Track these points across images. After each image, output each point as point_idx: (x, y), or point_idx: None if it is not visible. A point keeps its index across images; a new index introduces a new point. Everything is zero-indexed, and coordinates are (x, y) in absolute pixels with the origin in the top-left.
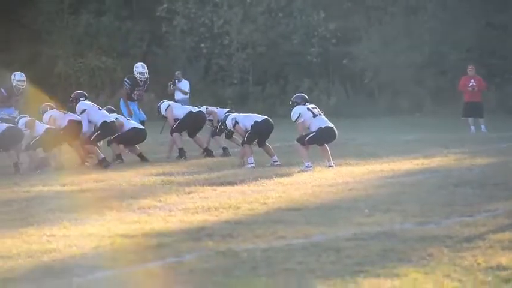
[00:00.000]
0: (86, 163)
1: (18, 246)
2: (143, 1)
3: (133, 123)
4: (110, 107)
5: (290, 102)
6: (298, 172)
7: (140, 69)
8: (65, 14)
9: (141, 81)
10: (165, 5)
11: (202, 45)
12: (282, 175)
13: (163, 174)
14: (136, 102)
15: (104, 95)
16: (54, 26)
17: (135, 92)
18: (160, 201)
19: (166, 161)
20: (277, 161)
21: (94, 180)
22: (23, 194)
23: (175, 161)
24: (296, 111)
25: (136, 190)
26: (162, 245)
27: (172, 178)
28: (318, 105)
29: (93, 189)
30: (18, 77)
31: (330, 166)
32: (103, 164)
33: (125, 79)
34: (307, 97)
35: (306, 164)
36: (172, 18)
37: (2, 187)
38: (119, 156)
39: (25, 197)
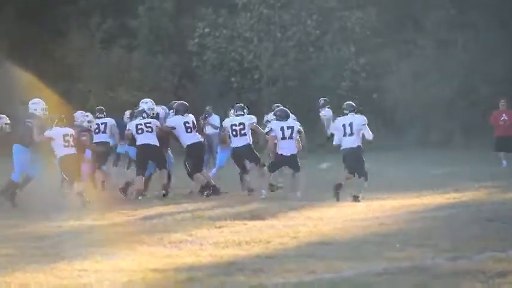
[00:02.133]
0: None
1: (50, 281)
2: (174, 36)
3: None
4: None
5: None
6: (328, 207)
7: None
8: (97, 49)
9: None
10: (196, 40)
11: (233, 79)
12: (312, 209)
13: (194, 208)
14: None
15: None
16: (86, 60)
17: None
18: (191, 235)
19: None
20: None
21: (125, 214)
22: (55, 228)
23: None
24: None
25: (167, 224)
26: (193, 279)
27: (203, 212)
28: None
29: (124, 223)
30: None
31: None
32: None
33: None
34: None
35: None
36: (203, 53)
37: (35, 222)
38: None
39: (57, 232)
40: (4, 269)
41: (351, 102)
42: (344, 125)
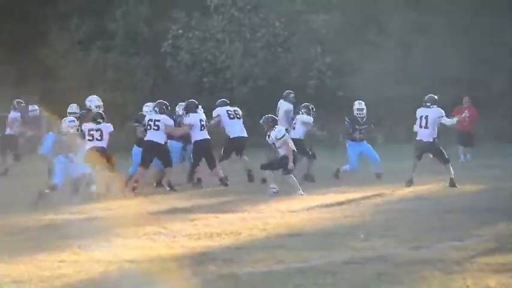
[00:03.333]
0: None
1: (30, 271)
2: (149, 38)
3: None
4: None
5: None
6: (297, 199)
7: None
8: (75, 51)
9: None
10: (169, 41)
11: (205, 79)
12: (280, 202)
13: (168, 202)
14: None
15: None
16: (66, 61)
17: None
18: (165, 228)
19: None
20: None
21: (102, 208)
22: (35, 222)
23: (183, 190)
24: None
25: (142, 218)
26: (167, 269)
27: (177, 206)
28: None
29: (101, 217)
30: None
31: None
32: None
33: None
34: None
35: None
36: (177, 54)
37: (17, 215)
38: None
39: (38, 225)
40: None
41: (432, 95)
42: (421, 117)
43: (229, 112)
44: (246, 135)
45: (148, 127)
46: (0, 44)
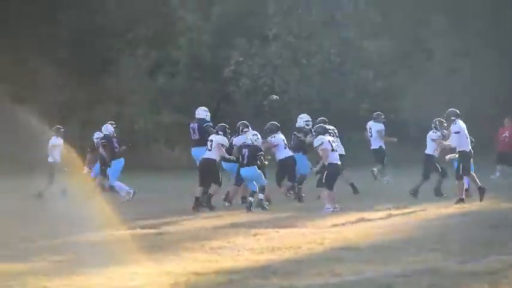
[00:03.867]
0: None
1: (104, 283)
2: (212, 64)
3: None
4: None
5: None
6: (351, 215)
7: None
8: (143, 77)
9: None
10: (231, 67)
11: (265, 102)
12: (336, 217)
13: (233, 218)
14: None
15: (178, 149)
16: (133, 87)
17: None
18: (229, 242)
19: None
20: None
21: (172, 223)
22: (108, 236)
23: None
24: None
25: (208, 233)
26: (232, 281)
27: (240, 221)
28: None
29: (171, 232)
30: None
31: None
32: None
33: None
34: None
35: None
36: (238, 79)
37: (89, 230)
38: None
39: (110, 240)
40: (63, 273)
41: (453, 109)
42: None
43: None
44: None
45: (210, 146)
46: (73, 72)
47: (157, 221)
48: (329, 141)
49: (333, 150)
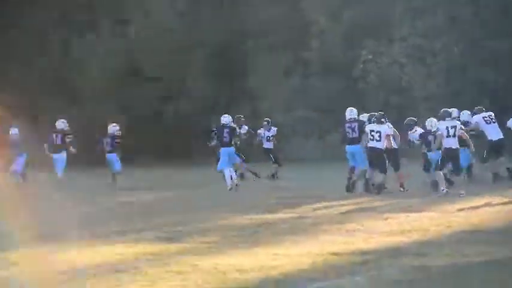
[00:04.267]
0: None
1: (250, 262)
2: (342, 63)
3: None
4: None
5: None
6: (478, 200)
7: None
8: (279, 77)
9: None
10: (360, 66)
11: (391, 98)
12: (462, 202)
13: (366, 203)
14: None
15: (312, 141)
16: (271, 86)
17: None
18: (362, 225)
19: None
20: None
21: (312, 208)
22: (253, 220)
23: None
24: None
25: (343, 216)
26: (366, 261)
27: (372, 206)
28: None
29: (310, 216)
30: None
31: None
32: None
33: None
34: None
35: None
36: (367, 77)
37: (236, 215)
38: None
39: (255, 223)
40: (212, 253)
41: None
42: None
43: (485, 118)
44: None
45: (371, 137)
46: (216, 73)
47: (297, 206)
48: (446, 127)
49: (448, 136)
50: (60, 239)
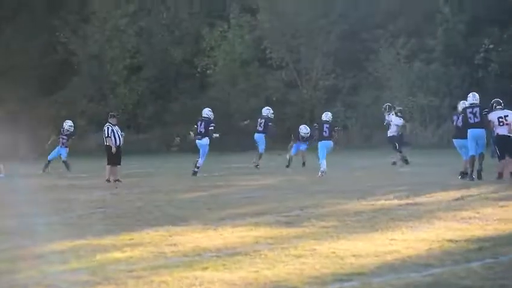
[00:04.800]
0: None
1: (367, 247)
2: (464, 50)
3: None
4: None
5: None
6: None
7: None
8: (401, 64)
9: None
10: (481, 54)
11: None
12: None
13: (481, 190)
14: None
15: (431, 128)
16: (392, 73)
17: None
18: (478, 213)
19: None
20: None
21: (426, 196)
22: (369, 206)
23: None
24: None
25: (458, 204)
26: (482, 248)
27: (489, 194)
28: None
29: (425, 203)
30: None
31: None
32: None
33: None
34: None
35: None
36: (488, 65)
37: (352, 200)
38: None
39: (371, 209)
40: (331, 237)
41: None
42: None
43: None
44: None
45: (501, 123)
46: (339, 60)
47: (413, 192)
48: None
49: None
50: (188, 221)
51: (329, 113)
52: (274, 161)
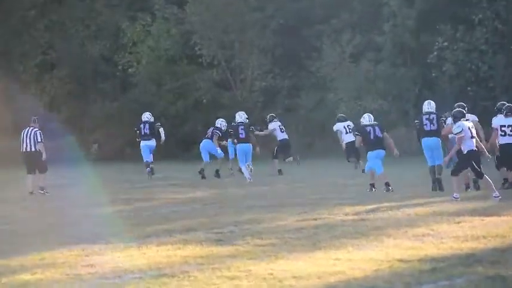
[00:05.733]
0: None
1: (308, 268)
2: (415, 50)
3: None
4: None
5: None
6: None
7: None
8: (346, 63)
9: None
10: (435, 53)
11: (469, 88)
12: None
13: (435, 204)
14: None
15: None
16: (337, 73)
17: None
18: (432, 230)
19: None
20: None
21: (374, 210)
22: (311, 221)
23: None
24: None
25: (410, 219)
26: (435, 269)
27: (443, 209)
28: None
29: (372, 218)
30: None
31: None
32: None
33: None
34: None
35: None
36: (442, 65)
37: (292, 215)
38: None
39: (313, 225)
40: (268, 257)
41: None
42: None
43: None
44: None
45: (502, 133)
46: (278, 59)
47: (360, 207)
48: (468, 127)
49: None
50: (107, 239)
51: (242, 112)
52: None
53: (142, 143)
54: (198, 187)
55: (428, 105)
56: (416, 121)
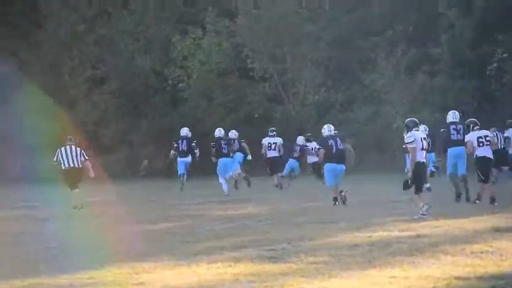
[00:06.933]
0: None
1: (362, 286)
2: (474, 61)
3: None
4: None
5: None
6: None
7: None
8: (402, 76)
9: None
10: (494, 65)
11: None
12: None
13: (492, 220)
14: None
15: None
16: (392, 86)
17: None
18: (491, 246)
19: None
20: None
21: (430, 226)
22: (366, 238)
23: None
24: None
25: (468, 235)
26: (495, 287)
27: (500, 224)
28: None
29: (429, 234)
30: None
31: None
32: None
33: None
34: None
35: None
36: (501, 77)
37: (347, 232)
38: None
39: (368, 242)
40: (322, 275)
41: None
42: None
43: None
44: None
45: (480, 144)
46: (331, 72)
47: (415, 223)
48: (421, 138)
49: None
50: (157, 257)
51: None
52: (256, 187)
53: (179, 159)
54: (249, 203)
55: (454, 115)
56: (443, 130)
